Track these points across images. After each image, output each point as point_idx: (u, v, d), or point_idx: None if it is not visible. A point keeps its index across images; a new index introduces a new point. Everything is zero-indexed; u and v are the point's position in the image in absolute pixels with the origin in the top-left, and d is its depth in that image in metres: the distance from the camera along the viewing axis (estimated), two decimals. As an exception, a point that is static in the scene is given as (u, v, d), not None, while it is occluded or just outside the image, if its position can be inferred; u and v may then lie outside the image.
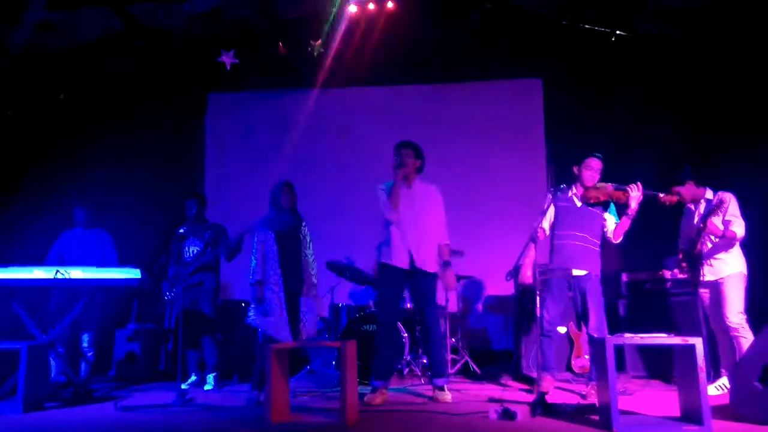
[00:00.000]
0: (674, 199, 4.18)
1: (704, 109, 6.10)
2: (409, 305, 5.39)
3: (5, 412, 3.88)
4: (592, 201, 4.35)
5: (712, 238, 4.38)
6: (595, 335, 4.25)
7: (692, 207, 4.58)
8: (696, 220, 4.44)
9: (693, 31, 5.87)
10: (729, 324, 4.29)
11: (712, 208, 4.16)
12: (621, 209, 4.36)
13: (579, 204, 4.43)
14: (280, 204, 4.44)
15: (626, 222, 4.31)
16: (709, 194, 4.50)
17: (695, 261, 4.34)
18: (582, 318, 4.46)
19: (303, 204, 4.58)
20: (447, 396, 4.19)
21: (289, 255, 4.41)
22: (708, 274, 4.38)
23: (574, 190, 4.47)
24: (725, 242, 4.36)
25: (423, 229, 4.32)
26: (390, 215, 4.30)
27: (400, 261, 4.28)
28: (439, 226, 4.43)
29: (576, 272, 4.36)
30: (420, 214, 4.34)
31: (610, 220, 4.43)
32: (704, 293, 4.51)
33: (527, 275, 4.47)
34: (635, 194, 4.21)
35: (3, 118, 6.31)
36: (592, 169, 4.39)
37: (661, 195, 4.19)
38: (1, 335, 4.30)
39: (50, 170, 6.63)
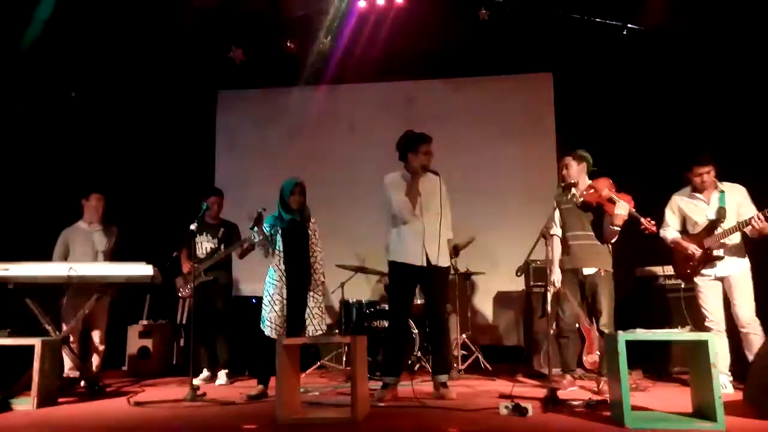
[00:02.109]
0: (654, 229, 4.11)
1: (716, 103, 6.03)
2: (418, 301, 5.35)
3: (19, 408, 3.91)
4: (585, 202, 4.35)
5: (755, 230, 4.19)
6: (606, 331, 4.25)
7: (703, 197, 4.43)
8: (711, 211, 4.33)
9: (705, 23, 5.80)
10: (744, 320, 4.22)
11: None
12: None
13: (579, 203, 4.41)
14: (288, 204, 4.42)
15: (613, 232, 4.27)
16: (721, 185, 4.39)
17: (706, 255, 4.30)
18: (592, 314, 4.46)
19: (312, 198, 4.57)
20: (452, 394, 4.15)
21: (294, 252, 4.40)
22: (718, 268, 4.32)
23: (573, 191, 4.49)
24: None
25: (436, 223, 4.23)
26: (409, 217, 4.21)
27: (415, 258, 4.20)
28: (447, 219, 4.36)
29: (586, 271, 4.38)
30: (435, 208, 4.25)
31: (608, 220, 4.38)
32: (706, 286, 4.38)
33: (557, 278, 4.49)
34: (619, 212, 4.16)
35: (15, 115, 6.35)
36: (569, 167, 4.49)
37: (643, 220, 4.11)
38: (15, 331, 4.33)
39: (62, 167, 6.68)
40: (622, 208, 4.14)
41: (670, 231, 4.54)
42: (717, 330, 4.28)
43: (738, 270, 4.31)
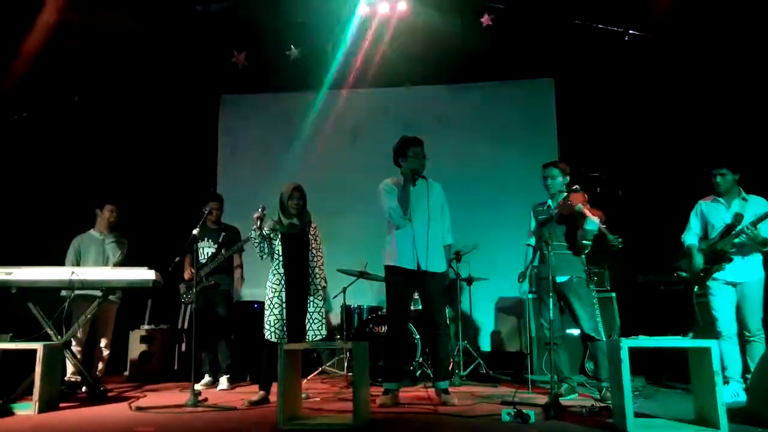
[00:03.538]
0: (619, 246, 4.13)
1: (718, 108, 6.03)
2: (420, 307, 5.34)
3: (20, 412, 3.91)
4: (558, 212, 4.40)
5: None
6: (592, 335, 4.26)
7: (724, 201, 4.43)
8: (729, 215, 4.34)
9: (707, 29, 5.81)
10: (752, 329, 4.21)
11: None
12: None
13: (554, 214, 4.42)
14: (288, 208, 4.40)
15: (583, 246, 4.31)
16: (742, 193, 4.41)
17: (718, 257, 4.29)
18: (574, 321, 4.46)
19: (313, 203, 4.56)
20: (453, 400, 4.13)
21: (293, 256, 4.38)
22: (731, 274, 4.31)
23: (549, 202, 4.51)
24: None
25: (430, 228, 4.23)
26: (400, 222, 4.23)
27: (408, 262, 4.21)
28: (444, 225, 4.37)
29: (559, 279, 4.39)
30: (426, 213, 4.25)
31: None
32: (718, 290, 4.37)
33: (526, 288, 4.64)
34: (589, 228, 4.21)
35: (18, 120, 6.37)
36: (545, 178, 4.59)
37: (611, 237, 4.13)
38: (18, 335, 4.33)
39: (64, 172, 6.69)
40: (592, 224, 4.19)
41: (690, 235, 4.57)
42: (727, 335, 4.27)
43: (752, 278, 4.30)
